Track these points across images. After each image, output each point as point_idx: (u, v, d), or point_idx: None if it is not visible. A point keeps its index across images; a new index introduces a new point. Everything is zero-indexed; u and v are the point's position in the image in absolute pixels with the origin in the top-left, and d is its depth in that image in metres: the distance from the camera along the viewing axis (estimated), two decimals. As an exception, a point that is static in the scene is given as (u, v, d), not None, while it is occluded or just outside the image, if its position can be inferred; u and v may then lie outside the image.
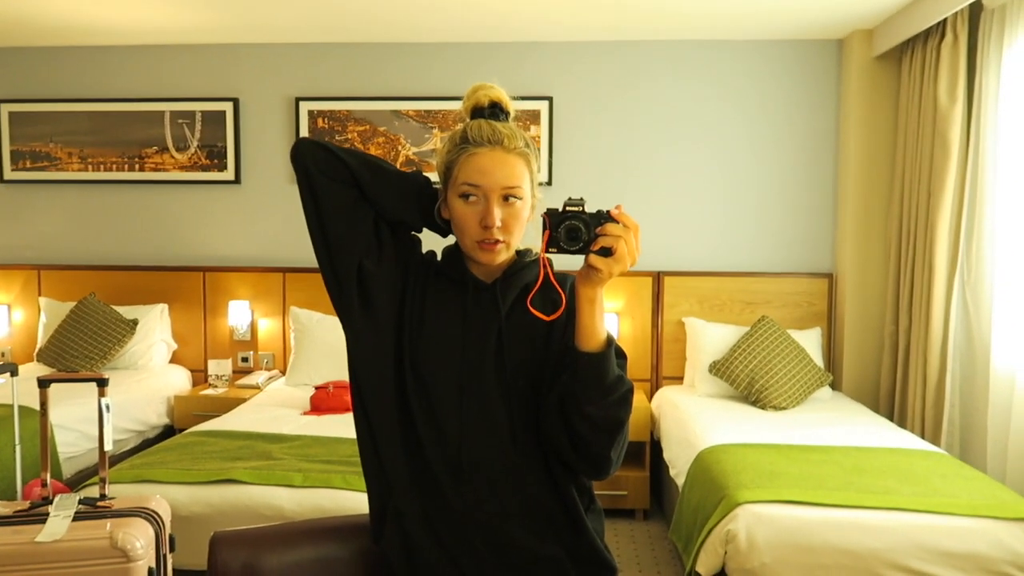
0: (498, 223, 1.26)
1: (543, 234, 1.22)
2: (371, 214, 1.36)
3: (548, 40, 4.17)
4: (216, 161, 4.34)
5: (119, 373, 3.99)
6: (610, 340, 1.25)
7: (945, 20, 3.39)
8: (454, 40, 4.18)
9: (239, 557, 1.47)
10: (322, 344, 3.97)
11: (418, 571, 1.33)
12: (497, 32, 4.04)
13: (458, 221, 1.31)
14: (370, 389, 1.35)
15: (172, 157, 4.35)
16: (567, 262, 1.22)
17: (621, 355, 1.30)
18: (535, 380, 1.32)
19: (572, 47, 4.19)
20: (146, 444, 3.80)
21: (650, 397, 4.10)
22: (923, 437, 3.39)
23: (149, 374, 4.08)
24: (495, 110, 1.33)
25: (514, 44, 4.19)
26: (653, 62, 4.18)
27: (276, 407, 3.58)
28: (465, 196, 1.28)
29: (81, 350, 3.99)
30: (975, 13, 3.36)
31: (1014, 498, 2.41)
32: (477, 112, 1.34)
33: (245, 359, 4.35)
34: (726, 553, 2.36)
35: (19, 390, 2.74)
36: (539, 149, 4.17)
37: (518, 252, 1.40)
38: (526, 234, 1.36)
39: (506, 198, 1.28)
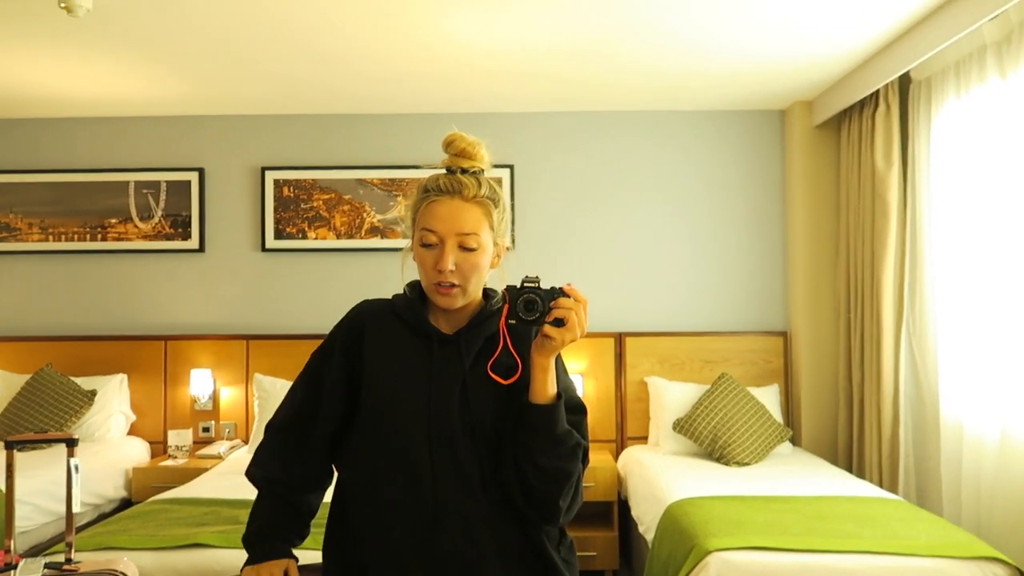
0: (451, 267, 1.35)
1: (503, 307, 1.34)
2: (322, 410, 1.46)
3: (509, 111, 4.35)
4: (180, 230, 4.36)
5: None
6: (560, 396, 1.35)
7: (878, 91, 3.64)
8: (417, 111, 4.33)
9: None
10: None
11: None
12: (459, 103, 4.20)
13: (418, 265, 1.41)
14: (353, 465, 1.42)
15: (136, 227, 4.37)
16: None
17: (581, 410, 1.41)
18: (499, 429, 1.38)
19: (532, 117, 4.37)
20: (102, 517, 3.68)
21: (616, 457, 4.14)
22: (881, 486, 3.48)
23: (106, 446, 3.98)
24: (462, 161, 1.43)
25: (475, 115, 4.35)
26: (610, 131, 4.38)
27: (239, 475, 3.50)
28: (424, 242, 1.38)
29: (36, 422, 3.89)
30: (904, 85, 3.63)
31: (970, 538, 2.49)
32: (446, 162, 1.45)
33: (206, 429, 4.28)
34: (698, 602, 2.38)
35: None
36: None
37: (486, 295, 1.48)
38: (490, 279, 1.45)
39: (462, 245, 1.37)
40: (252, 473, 1.50)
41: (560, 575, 1.39)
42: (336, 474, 1.49)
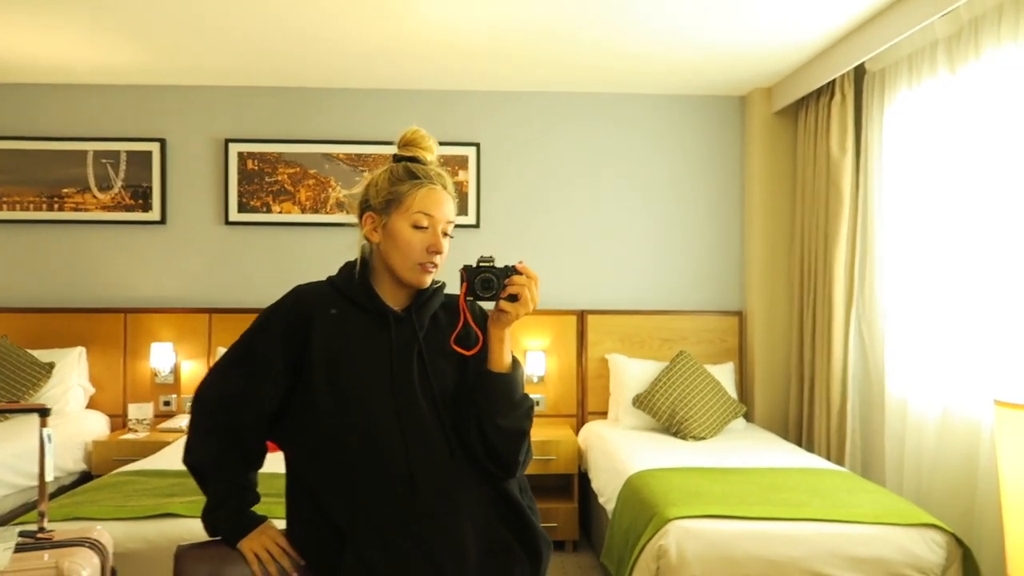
0: (443, 251, 1.49)
1: (461, 285, 1.45)
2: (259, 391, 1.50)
3: (475, 89, 4.37)
4: (141, 201, 4.30)
5: (32, 418, 3.83)
6: (515, 364, 1.49)
7: (834, 81, 3.77)
8: (384, 87, 4.33)
9: (203, 570, 1.51)
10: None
11: None
12: (426, 80, 4.21)
13: (403, 245, 1.47)
14: (311, 448, 1.48)
15: (94, 197, 4.29)
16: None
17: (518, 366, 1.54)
18: (456, 396, 1.50)
19: (498, 96, 4.40)
20: (63, 490, 3.65)
21: (577, 431, 4.24)
22: (829, 459, 3.66)
23: (65, 419, 3.93)
24: (427, 155, 1.55)
25: (443, 92, 4.37)
26: (574, 111, 4.44)
27: (204, 448, 3.51)
28: (416, 224, 1.47)
29: (-9, 395, 3.83)
30: (860, 75, 3.76)
31: (911, 507, 2.65)
32: (407, 153, 1.54)
33: (167, 403, 4.25)
34: (658, 568, 2.49)
35: None
36: (466, 193, 4.34)
37: None
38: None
39: (444, 232, 1.50)
40: (190, 461, 1.53)
41: (528, 518, 1.51)
42: (287, 458, 1.54)
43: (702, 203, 4.47)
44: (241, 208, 4.32)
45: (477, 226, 4.35)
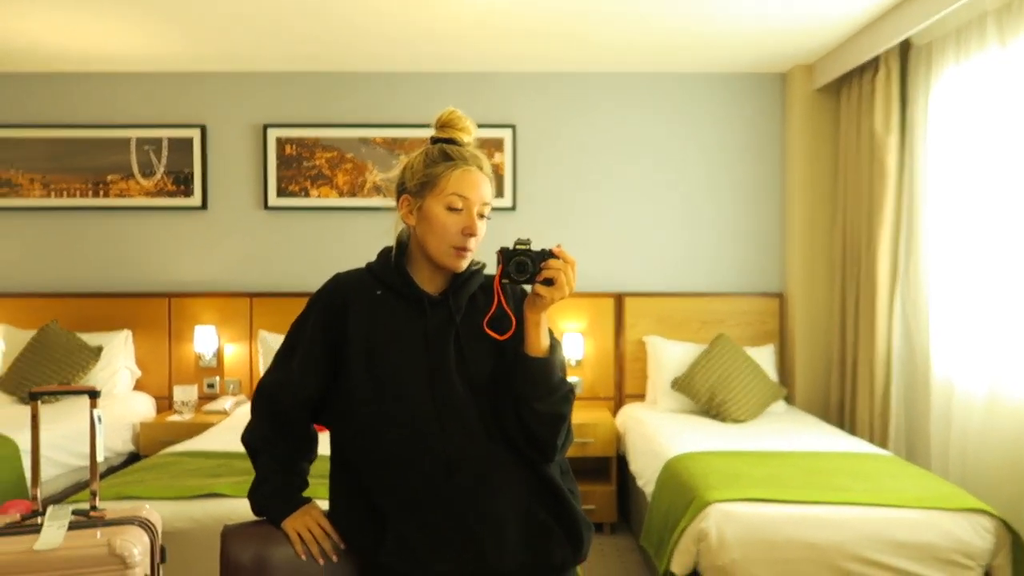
0: (478, 234, 1.47)
1: (497, 267, 1.43)
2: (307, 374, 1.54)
3: (511, 70, 4.35)
4: (182, 187, 4.37)
5: (82, 400, 3.94)
6: (553, 348, 1.46)
7: (878, 56, 3.67)
8: (421, 69, 4.32)
9: (249, 550, 1.53)
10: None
11: (421, 561, 1.43)
12: (463, 62, 4.20)
13: (438, 228, 1.46)
14: (355, 428, 1.50)
15: (137, 183, 4.37)
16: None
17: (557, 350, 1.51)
18: (494, 378, 1.48)
19: (534, 77, 4.37)
20: (112, 470, 3.75)
21: (614, 414, 4.24)
22: (872, 442, 3.60)
23: (113, 401, 4.04)
24: (464, 135, 1.53)
25: (479, 74, 4.35)
26: (612, 92, 4.39)
27: (247, 429, 3.58)
28: (451, 206, 1.45)
29: (43, 377, 3.94)
30: (905, 50, 3.65)
31: (958, 492, 2.60)
32: (444, 135, 1.52)
33: (211, 385, 4.34)
34: (698, 551, 2.48)
35: None
36: (503, 176, 4.33)
37: None
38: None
39: (480, 214, 1.48)
40: (244, 438, 1.61)
41: (569, 502, 1.49)
42: (332, 436, 1.57)
43: (741, 183, 4.40)
44: (280, 193, 4.37)
45: (513, 209, 4.34)
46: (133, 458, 3.92)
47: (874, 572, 2.40)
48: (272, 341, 4.11)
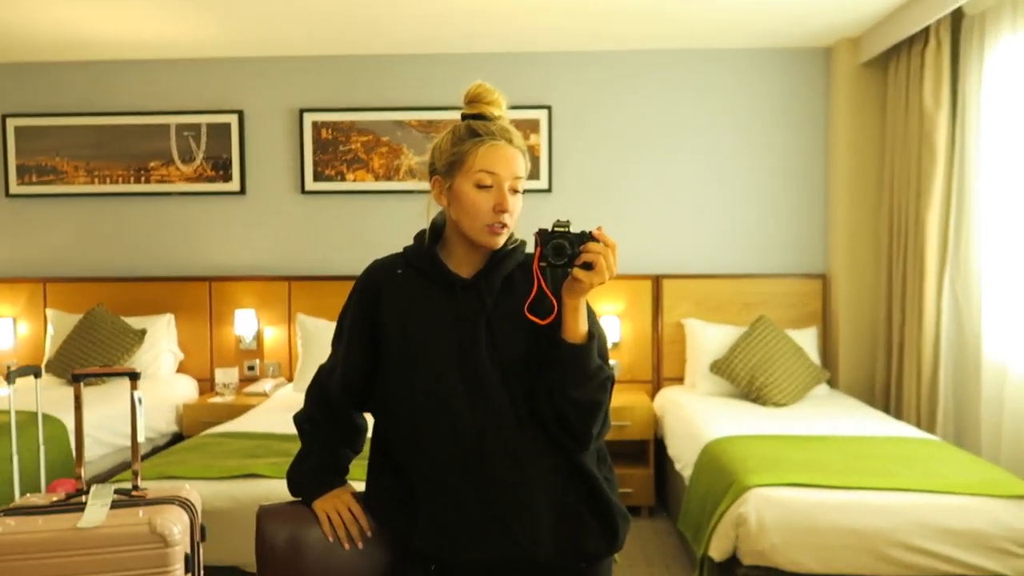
0: (510, 209, 1.41)
1: (535, 250, 1.38)
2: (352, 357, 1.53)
3: (546, 50, 4.29)
4: (221, 172, 4.42)
5: (127, 382, 4.01)
6: (591, 335, 1.41)
7: (928, 27, 3.53)
8: (455, 51, 4.29)
9: (284, 530, 1.54)
10: (328, 349, 4.02)
11: (454, 546, 1.42)
12: (497, 42, 4.15)
13: (469, 207, 1.42)
14: (391, 413, 1.50)
15: (177, 169, 4.43)
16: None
17: (597, 336, 1.46)
18: (530, 365, 1.43)
19: (569, 57, 4.31)
20: (157, 450, 3.83)
21: (652, 397, 4.19)
22: (919, 427, 3.49)
23: (157, 383, 4.12)
24: (494, 109, 1.48)
25: (513, 54, 4.31)
26: (649, 70, 4.31)
27: (286, 412, 3.59)
28: (480, 183, 1.41)
29: (89, 360, 4.03)
30: (957, 20, 3.51)
31: (1009, 478, 2.51)
32: (473, 111, 1.48)
33: (251, 367, 4.40)
34: (737, 536, 2.44)
35: (18, 397, 2.79)
36: (538, 157, 4.28)
37: None
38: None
39: (512, 188, 1.43)
40: (295, 416, 1.64)
41: (604, 492, 1.46)
42: (374, 421, 1.57)
43: (783, 163, 4.30)
44: (316, 177, 4.39)
45: (549, 190, 4.30)
46: (177, 438, 4.00)
47: (920, 559, 2.33)
48: (310, 324, 4.14)
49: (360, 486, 1.61)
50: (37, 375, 2.79)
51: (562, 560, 1.44)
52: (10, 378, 2.70)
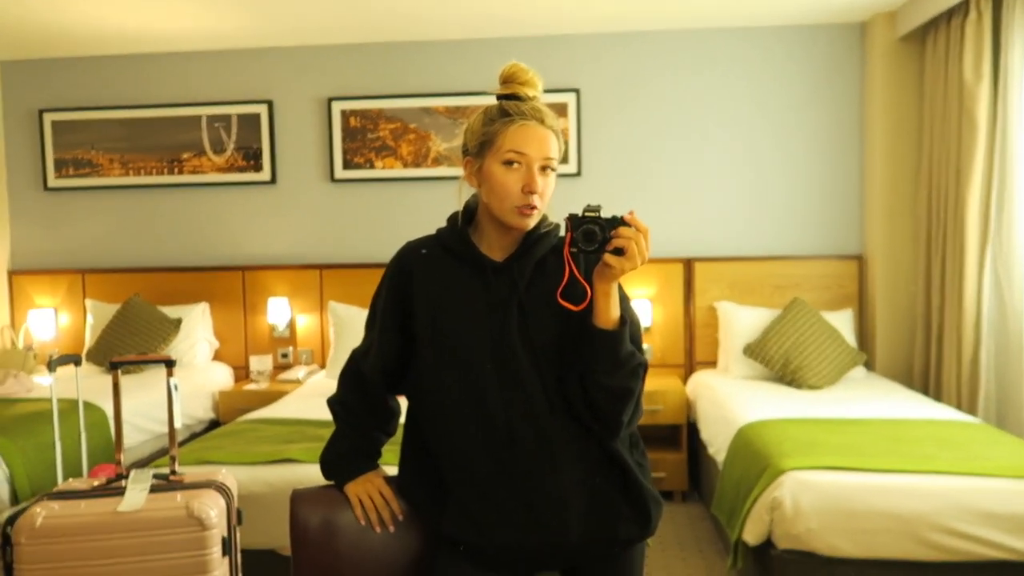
0: (539, 190, 1.39)
1: (566, 235, 1.35)
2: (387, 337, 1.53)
3: (574, 32, 4.25)
4: (252, 162, 4.45)
5: (164, 370, 4.09)
6: (624, 321, 1.38)
7: (968, -1, 3.43)
8: (481, 36, 4.27)
9: (318, 514, 1.55)
10: (360, 336, 4.04)
11: (482, 531, 1.42)
12: (523, 26, 4.12)
13: (498, 188, 1.40)
14: (424, 394, 1.49)
15: (209, 160, 4.48)
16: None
17: (636, 324, 1.44)
18: (559, 348, 1.42)
19: (597, 39, 4.26)
20: (194, 436, 3.90)
21: (684, 381, 4.16)
22: (959, 409, 3.42)
23: (193, 371, 4.19)
24: (528, 90, 1.45)
25: (541, 38, 4.27)
26: (677, 51, 4.24)
27: (320, 398, 3.63)
28: (509, 163, 1.39)
29: (128, 349, 4.10)
30: (999, -10, 3.40)
31: (1055, 461, 2.45)
32: (507, 91, 1.45)
33: (285, 355, 4.45)
34: (772, 520, 2.41)
35: (59, 385, 2.85)
36: (567, 141, 4.25)
37: None
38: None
39: (543, 168, 1.40)
40: (329, 400, 1.63)
41: (636, 478, 1.44)
42: (407, 404, 1.57)
43: (817, 142, 4.21)
44: (346, 165, 4.40)
45: (578, 174, 4.27)
46: (213, 425, 4.07)
47: (961, 544, 2.29)
48: (342, 312, 4.17)
49: (393, 470, 1.62)
50: (77, 363, 2.84)
51: (594, 545, 1.43)
52: (51, 367, 2.75)
